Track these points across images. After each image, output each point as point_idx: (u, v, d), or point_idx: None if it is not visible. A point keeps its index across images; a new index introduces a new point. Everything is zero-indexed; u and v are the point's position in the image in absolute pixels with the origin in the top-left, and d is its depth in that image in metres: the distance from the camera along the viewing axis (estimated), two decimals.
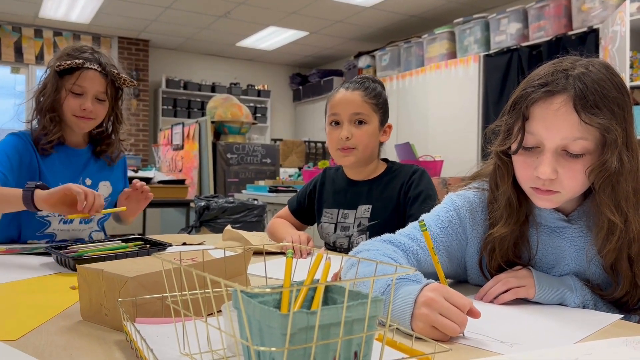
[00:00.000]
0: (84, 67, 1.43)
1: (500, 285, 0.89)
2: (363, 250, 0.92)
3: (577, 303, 0.87)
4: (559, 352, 0.65)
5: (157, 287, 0.73)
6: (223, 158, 4.59)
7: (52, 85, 1.44)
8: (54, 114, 1.46)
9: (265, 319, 0.44)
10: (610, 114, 0.80)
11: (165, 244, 1.32)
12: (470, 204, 1.00)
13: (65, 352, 0.64)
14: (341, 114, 1.39)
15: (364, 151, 1.40)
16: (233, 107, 4.80)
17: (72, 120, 1.47)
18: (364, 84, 1.41)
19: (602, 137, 0.81)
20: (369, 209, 1.42)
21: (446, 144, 4.64)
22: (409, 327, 0.71)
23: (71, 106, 1.44)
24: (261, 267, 1.15)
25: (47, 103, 1.45)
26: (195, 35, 6.48)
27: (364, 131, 1.38)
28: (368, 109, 1.39)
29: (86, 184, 1.54)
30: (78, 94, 1.44)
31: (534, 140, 0.84)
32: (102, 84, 1.46)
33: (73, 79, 1.43)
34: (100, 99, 1.48)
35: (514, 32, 4.26)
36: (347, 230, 1.44)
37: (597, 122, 0.79)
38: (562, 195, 0.85)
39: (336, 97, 1.42)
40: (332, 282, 0.51)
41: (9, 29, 5.95)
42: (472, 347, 0.68)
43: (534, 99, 0.83)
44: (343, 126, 1.39)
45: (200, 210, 3.27)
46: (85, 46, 1.50)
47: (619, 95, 0.82)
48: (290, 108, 8.09)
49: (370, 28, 6.05)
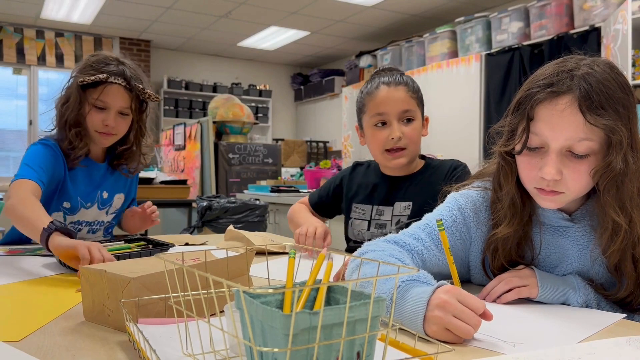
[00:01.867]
0: (107, 82, 1.38)
1: (502, 285, 0.89)
2: (368, 251, 0.91)
3: (580, 302, 0.87)
4: (562, 352, 0.65)
5: (159, 288, 0.73)
6: (225, 158, 4.59)
7: (75, 99, 1.39)
8: (78, 128, 1.41)
9: (268, 320, 0.44)
10: (615, 114, 0.79)
11: (167, 245, 1.32)
12: (473, 203, 0.99)
13: (68, 353, 0.64)
14: (389, 112, 1.29)
15: (415, 150, 1.34)
16: (234, 107, 4.80)
17: (94, 135, 1.43)
18: (403, 78, 1.32)
19: (607, 137, 0.80)
20: (409, 205, 1.34)
21: (448, 142, 4.64)
22: (422, 330, 0.70)
23: (94, 121, 1.41)
24: (263, 268, 1.15)
25: (72, 117, 1.40)
26: (197, 36, 6.49)
27: (413, 128, 1.31)
28: (414, 104, 1.31)
29: (103, 197, 1.52)
30: (101, 108, 1.40)
31: (539, 141, 0.84)
32: (126, 99, 1.41)
33: (96, 93, 1.38)
34: (124, 113, 1.44)
35: (516, 31, 4.25)
36: (384, 228, 1.37)
37: (602, 123, 0.78)
38: (566, 196, 0.85)
39: (379, 94, 1.31)
40: (335, 283, 0.51)
41: (10, 30, 5.96)
42: (474, 347, 0.68)
43: (539, 99, 0.83)
44: (392, 125, 1.29)
45: (202, 210, 3.27)
46: (110, 57, 1.44)
47: (623, 95, 0.82)
48: (291, 108, 8.09)
49: (371, 27, 6.05)
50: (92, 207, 1.51)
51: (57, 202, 1.45)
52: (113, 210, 1.58)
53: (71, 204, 1.46)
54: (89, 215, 1.52)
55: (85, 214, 1.51)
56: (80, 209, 1.49)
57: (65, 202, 1.46)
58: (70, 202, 1.46)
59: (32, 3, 5.32)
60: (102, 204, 1.54)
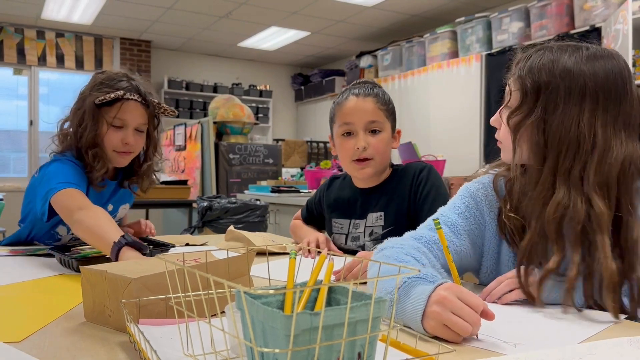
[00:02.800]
0: (124, 99, 1.33)
1: (504, 286, 0.89)
2: (387, 247, 0.92)
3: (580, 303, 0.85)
4: (563, 352, 0.64)
5: (160, 288, 0.74)
6: (225, 158, 4.59)
7: (91, 119, 1.33)
8: (96, 149, 1.35)
9: (269, 320, 0.44)
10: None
11: (168, 245, 1.32)
12: (485, 188, 1.02)
13: (68, 354, 0.65)
14: (355, 122, 1.31)
15: (381, 161, 1.34)
16: (235, 107, 4.80)
17: (112, 155, 1.38)
18: (373, 90, 1.34)
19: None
20: (381, 216, 1.36)
21: (448, 143, 4.64)
22: (420, 326, 0.70)
23: (112, 141, 1.36)
24: (264, 268, 1.15)
25: (89, 138, 1.33)
26: (197, 36, 6.49)
27: (379, 140, 1.32)
28: (382, 116, 1.32)
29: (108, 209, 1.47)
30: (119, 127, 1.36)
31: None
32: (143, 115, 1.38)
33: (114, 111, 1.33)
34: (140, 130, 1.40)
35: (516, 31, 4.25)
36: (358, 240, 1.39)
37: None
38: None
39: (347, 105, 1.33)
40: (336, 283, 0.51)
41: (11, 31, 5.96)
42: (475, 347, 0.68)
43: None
44: (358, 136, 1.31)
45: (203, 210, 3.27)
46: (119, 73, 1.39)
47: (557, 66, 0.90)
48: (292, 108, 8.09)
49: (371, 28, 6.05)
50: None
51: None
52: (117, 219, 1.56)
53: None
54: None
55: None
56: None
57: None
58: None
59: (32, 3, 5.32)
60: None
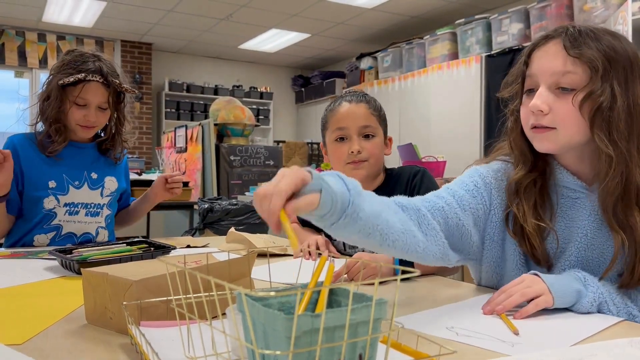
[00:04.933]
0: (86, 80, 1.46)
1: (518, 297, 0.82)
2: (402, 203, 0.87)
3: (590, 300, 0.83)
4: (563, 353, 0.64)
5: (161, 291, 0.74)
6: (226, 160, 4.60)
7: (56, 97, 1.47)
8: (59, 124, 1.51)
9: (270, 322, 0.45)
10: (600, 53, 0.85)
11: (169, 247, 1.33)
12: (495, 172, 1.01)
13: (70, 356, 0.65)
14: (349, 127, 1.34)
15: (375, 164, 1.36)
16: (236, 109, 4.80)
17: (76, 128, 1.53)
18: (365, 97, 1.38)
19: (591, 71, 0.85)
20: None
21: (449, 144, 4.63)
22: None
23: (75, 117, 1.50)
24: (265, 270, 1.15)
25: (52, 114, 1.49)
26: (198, 38, 6.50)
27: (373, 144, 1.34)
28: (375, 121, 1.35)
29: (92, 177, 1.59)
30: (82, 105, 1.49)
31: (532, 82, 0.91)
32: (104, 94, 1.50)
33: (76, 91, 1.46)
34: (103, 107, 1.53)
35: (516, 32, 4.25)
36: (356, 249, 1.37)
37: (584, 56, 0.85)
38: (559, 133, 0.88)
39: (340, 110, 1.36)
40: (336, 285, 0.51)
41: (12, 34, 5.98)
42: (475, 348, 0.68)
43: (533, 45, 0.93)
44: (352, 140, 1.33)
45: (204, 212, 3.27)
46: (86, 54, 1.52)
47: (618, 45, 0.87)
48: (292, 110, 8.09)
49: (371, 29, 6.05)
50: (82, 186, 1.57)
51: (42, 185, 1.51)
52: (108, 192, 1.62)
53: (57, 183, 1.53)
54: (82, 196, 1.57)
55: (79, 195, 1.56)
56: (69, 187, 1.54)
57: (50, 181, 1.52)
58: (55, 180, 1.53)
59: (33, 6, 5.33)
60: (93, 184, 1.59)
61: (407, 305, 0.90)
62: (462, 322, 0.79)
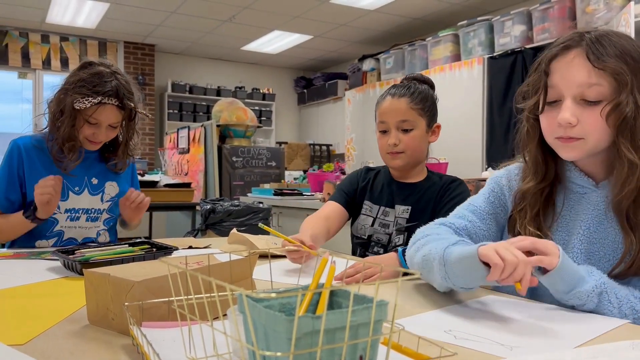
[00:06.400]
0: (101, 103, 1.45)
1: (528, 243, 0.83)
2: (424, 236, 1.01)
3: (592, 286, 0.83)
4: (564, 356, 0.64)
5: (163, 292, 0.74)
6: (228, 161, 4.60)
7: (69, 115, 1.46)
8: (72, 142, 1.50)
9: (271, 324, 0.45)
10: (622, 62, 0.86)
11: (171, 248, 1.33)
12: (508, 173, 1.07)
13: (72, 356, 0.65)
14: (388, 122, 1.45)
15: (412, 155, 1.46)
16: (238, 110, 4.81)
17: (84, 141, 1.53)
18: (410, 89, 1.45)
19: (616, 83, 0.86)
20: (408, 210, 1.46)
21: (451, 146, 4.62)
22: (476, 254, 0.81)
23: (85, 133, 1.50)
24: (266, 271, 1.15)
25: (65, 132, 1.48)
26: (201, 40, 6.51)
27: (410, 137, 1.44)
28: (414, 114, 1.43)
29: (92, 182, 1.59)
30: (93, 124, 1.49)
31: (555, 94, 0.92)
32: (117, 116, 1.51)
33: (90, 111, 1.45)
34: (114, 126, 1.53)
35: (518, 34, 4.25)
36: (388, 228, 1.47)
37: (609, 67, 0.86)
38: (586, 143, 0.90)
39: (383, 105, 1.47)
40: (337, 287, 0.52)
41: (16, 35, 6.00)
42: (474, 351, 0.68)
43: (552, 54, 0.93)
44: (390, 133, 1.45)
45: (206, 213, 3.27)
46: (104, 71, 1.47)
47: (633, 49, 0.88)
48: (294, 111, 8.10)
49: (374, 31, 6.05)
50: (82, 192, 1.57)
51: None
52: (108, 197, 1.62)
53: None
54: (83, 202, 1.57)
55: (79, 201, 1.56)
56: (68, 193, 1.54)
57: None
58: None
59: (37, 8, 5.35)
60: (93, 189, 1.59)
61: (407, 307, 0.90)
62: (461, 325, 0.79)
